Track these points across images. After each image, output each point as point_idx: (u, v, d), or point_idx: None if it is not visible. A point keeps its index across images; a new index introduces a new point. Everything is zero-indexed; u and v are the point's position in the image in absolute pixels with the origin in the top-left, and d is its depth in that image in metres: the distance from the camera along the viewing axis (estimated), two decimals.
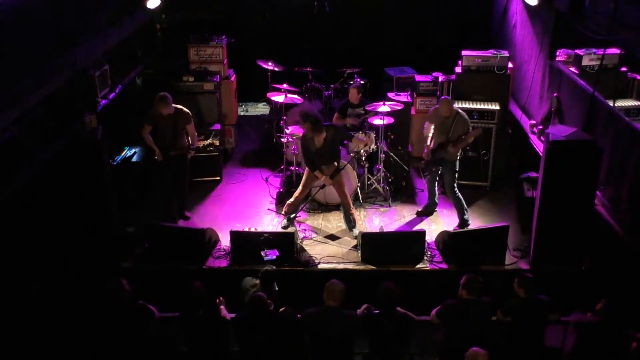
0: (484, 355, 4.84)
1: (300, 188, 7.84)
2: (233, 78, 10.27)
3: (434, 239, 7.62)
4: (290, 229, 7.69)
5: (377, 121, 8.62)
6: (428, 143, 7.92)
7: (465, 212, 7.93)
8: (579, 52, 8.18)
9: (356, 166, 8.52)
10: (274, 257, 6.73)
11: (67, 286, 6.69)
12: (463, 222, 7.92)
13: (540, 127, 8.46)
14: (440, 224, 8.19)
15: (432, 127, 7.86)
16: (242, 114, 11.75)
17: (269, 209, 8.54)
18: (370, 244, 7.30)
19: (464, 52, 9.00)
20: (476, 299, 5.60)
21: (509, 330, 5.88)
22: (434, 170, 7.96)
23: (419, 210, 8.44)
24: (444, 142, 7.68)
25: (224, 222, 8.14)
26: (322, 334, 5.47)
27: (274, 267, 6.23)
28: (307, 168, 7.73)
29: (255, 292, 5.83)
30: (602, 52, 7.53)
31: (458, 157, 7.81)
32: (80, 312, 6.31)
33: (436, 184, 8.17)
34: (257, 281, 6.07)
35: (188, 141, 7.96)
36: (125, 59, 8.85)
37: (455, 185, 7.88)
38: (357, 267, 7.23)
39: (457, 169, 7.86)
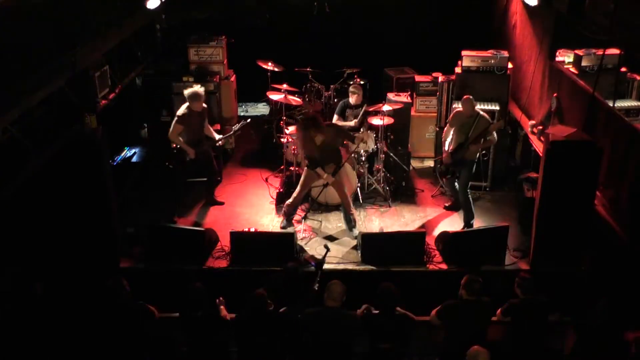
0: (485, 354, 4.84)
1: (298, 188, 7.83)
2: (233, 78, 10.27)
3: (434, 239, 7.62)
4: (290, 229, 7.70)
5: (377, 121, 8.63)
6: (446, 147, 7.92)
7: (472, 215, 7.92)
8: (579, 52, 8.18)
9: (356, 166, 8.52)
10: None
11: (67, 286, 6.69)
12: (467, 225, 7.92)
13: (540, 127, 8.46)
14: (440, 224, 8.19)
15: (452, 131, 7.86)
16: (242, 114, 11.75)
17: (270, 201, 8.54)
18: (370, 244, 7.30)
19: (464, 52, 8.99)
20: (476, 300, 5.60)
21: (509, 330, 5.88)
22: (454, 172, 7.94)
23: (447, 205, 8.57)
24: (464, 142, 7.68)
25: (224, 222, 8.14)
26: (322, 334, 5.47)
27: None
28: (305, 168, 7.73)
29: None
30: (602, 52, 7.53)
31: (476, 158, 7.83)
32: (80, 312, 6.30)
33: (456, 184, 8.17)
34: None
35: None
36: (125, 59, 8.84)
37: (468, 186, 7.88)
38: (357, 268, 7.23)
39: (474, 171, 7.87)
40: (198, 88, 7.90)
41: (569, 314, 5.93)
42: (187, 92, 7.82)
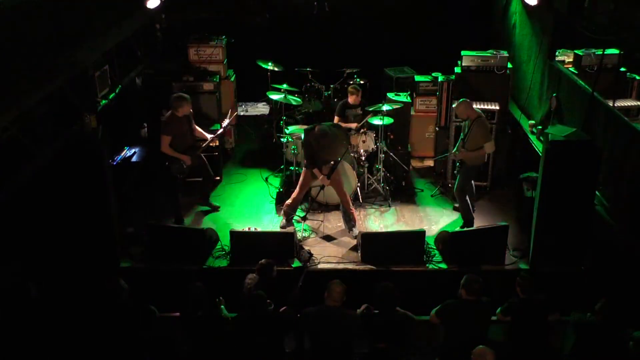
0: (492, 355, 4.82)
1: (297, 188, 7.83)
2: (233, 78, 10.27)
3: (434, 239, 7.62)
4: (289, 229, 7.70)
5: (376, 121, 8.63)
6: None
7: (471, 217, 7.88)
8: (579, 52, 8.18)
9: (356, 166, 8.53)
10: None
11: (67, 286, 6.69)
12: (467, 225, 7.90)
13: (540, 127, 8.46)
14: (440, 224, 8.19)
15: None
16: (242, 114, 11.75)
17: (270, 201, 8.54)
18: (370, 243, 7.30)
19: (464, 52, 9.00)
20: (476, 300, 5.60)
21: (509, 330, 5.88)
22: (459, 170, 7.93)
23: (455, 205, 8.39)
24: (461, 144, 7.70)
25: (224, 222, 8.14)
26: (322, 333, 5.47)
27: (270, 260, 6.19)
28: (304, 168, 7.73)
29: (252, 285, 5.85)
30: (602, 52, 7.53)
31: (475, 165, 7.74)
32: (80, 312, 6.30)
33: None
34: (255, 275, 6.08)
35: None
36: (125, 59, 8.85)
37: (464, 190, 7.79)
38: (357, 267, 7.23)
39: (472, 176, 7.81)
40: (183, 93, 7.83)
41: (569, 314, 5.92)
42: (173, 96, 7.79)
